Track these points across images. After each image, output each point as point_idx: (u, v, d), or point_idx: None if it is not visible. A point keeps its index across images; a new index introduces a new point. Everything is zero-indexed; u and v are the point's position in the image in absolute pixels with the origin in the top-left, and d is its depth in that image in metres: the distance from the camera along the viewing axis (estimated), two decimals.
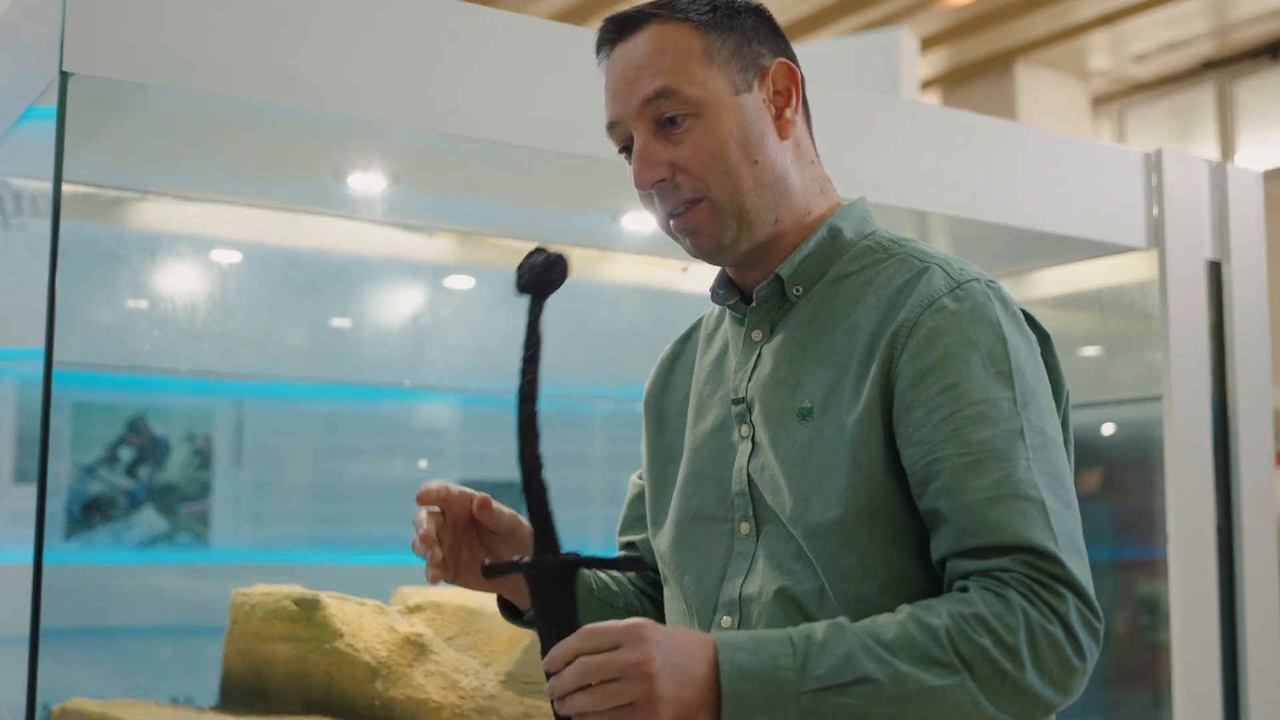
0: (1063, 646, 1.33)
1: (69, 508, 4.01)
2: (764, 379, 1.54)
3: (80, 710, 2.32)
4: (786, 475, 1.47)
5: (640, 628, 1.25)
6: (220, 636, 2.57)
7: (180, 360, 3.32)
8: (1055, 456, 1.43)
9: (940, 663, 1.30)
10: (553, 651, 1.26)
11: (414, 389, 4.13)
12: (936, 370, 1.41)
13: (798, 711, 1.28)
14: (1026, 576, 1.34)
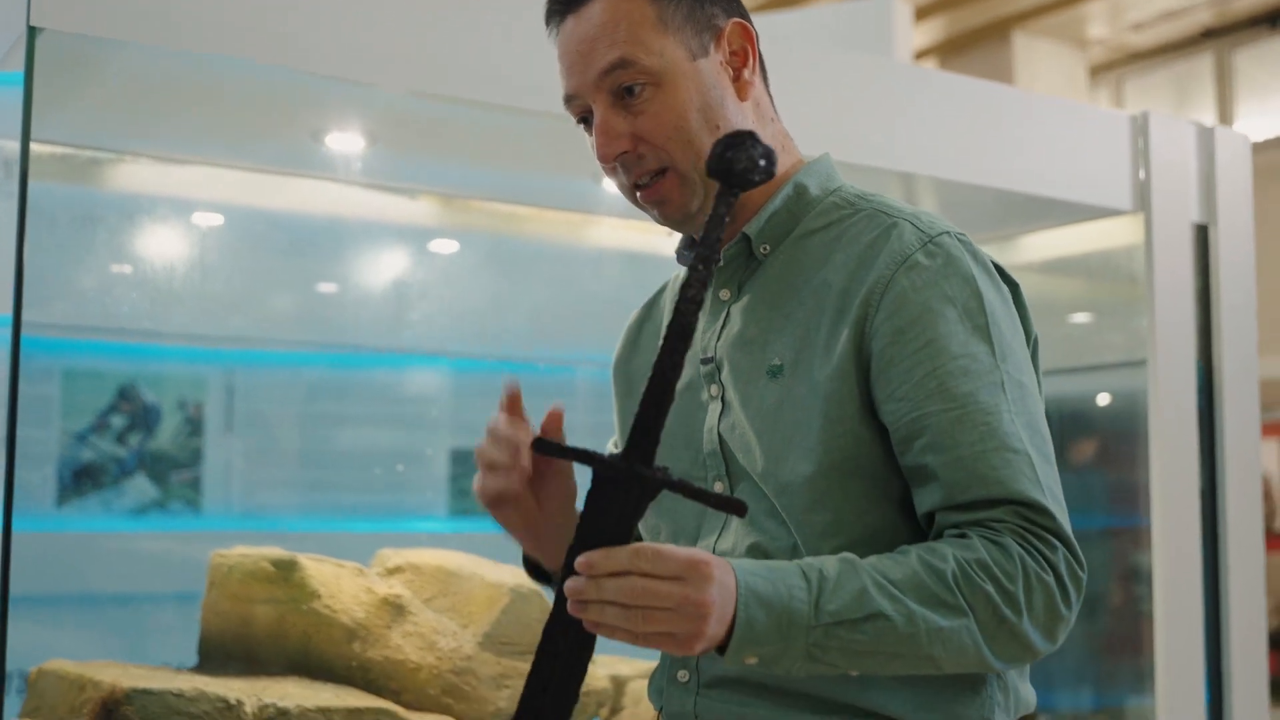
0: (1054, 595, 1.35)
1: (60, 475, 4.01)
2: (733, 338, 1.53)
3: (57, 671, 2.32)
4: (757, 433, 1.47)
5: (707, 565, 1.21)
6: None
7: (161, 322, 3.31)
8: (1034, 408, 1.44)
9: (948, 605, 1.31)
10: (595, 557, 1.19)
11: (405, 354, 4.13)
12: (915, 326, 1.41)
13: (804, 645, 1.28)
14: (1020, 528, 1.36)
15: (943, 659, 1.33)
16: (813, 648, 1.28)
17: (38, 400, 3.98)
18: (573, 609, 1.20)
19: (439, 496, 4.27)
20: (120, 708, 2.17)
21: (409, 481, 4.25)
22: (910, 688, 1.42)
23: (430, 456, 4.30)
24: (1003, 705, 1.48)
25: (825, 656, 1.29)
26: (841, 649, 1.29)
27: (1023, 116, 3.06)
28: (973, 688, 1.45)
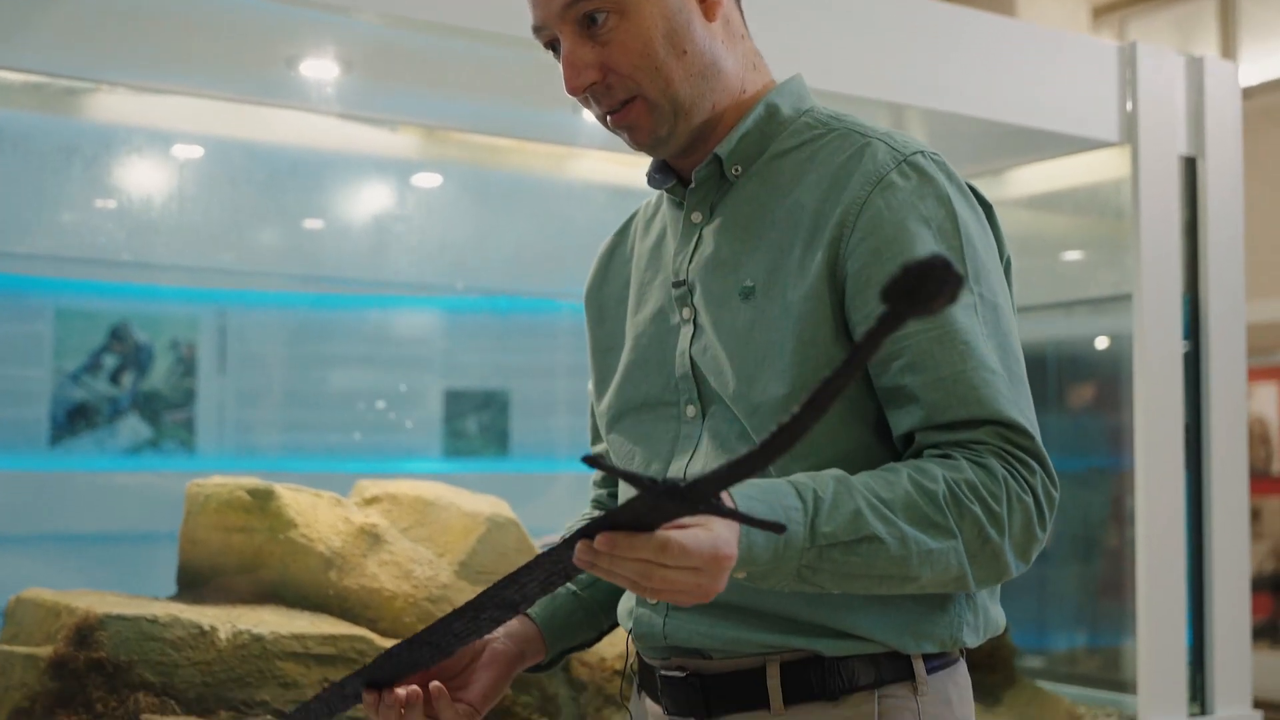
0: (1031, 517, 1.36)
1: (54, 414, 4.02)
2: (705, 260, 1.52)
3: (35, 599, 2.33)
4: (729, 355, 1.46)
5: (726, 559, 1.17)
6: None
7: (142, 254, 3.30)
8: (1008, 330, 1.44)
9: (938, 526, 1.31)
10: (620, 540, 1.13)
11: (398, 295, 4.12)
12: (891, 247, 1.40)
13: (796, 566, 1.28)
14: (1000, 449, 1.36)
15: (927, 580, 1.33)
16: (804, 569, 1.28)
17: (30, 339, 3.98)
18: (579, 565, 1.17)
19: (432, 437, 4.28)
20: (94, 633, 2.18)
21: (402, 422, 4.26)
22: (879, 608, 1.42)
23: (423, 397, 4.30)
24: (972, 625, 1.48)
25: (814, 577, 1.29)
26: (832, 570, 1.29)
27: (1010, 46, 3.02)
28: (941, 607, 1.45)
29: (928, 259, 0.84)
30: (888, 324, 0.88)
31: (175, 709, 2.18)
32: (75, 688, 2.15)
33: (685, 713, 1.50)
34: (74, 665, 2.16)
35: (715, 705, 1.47)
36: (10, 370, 3.95)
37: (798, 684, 1.44)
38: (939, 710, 1.47)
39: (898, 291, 0.86)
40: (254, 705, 2.23)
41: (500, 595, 1.25)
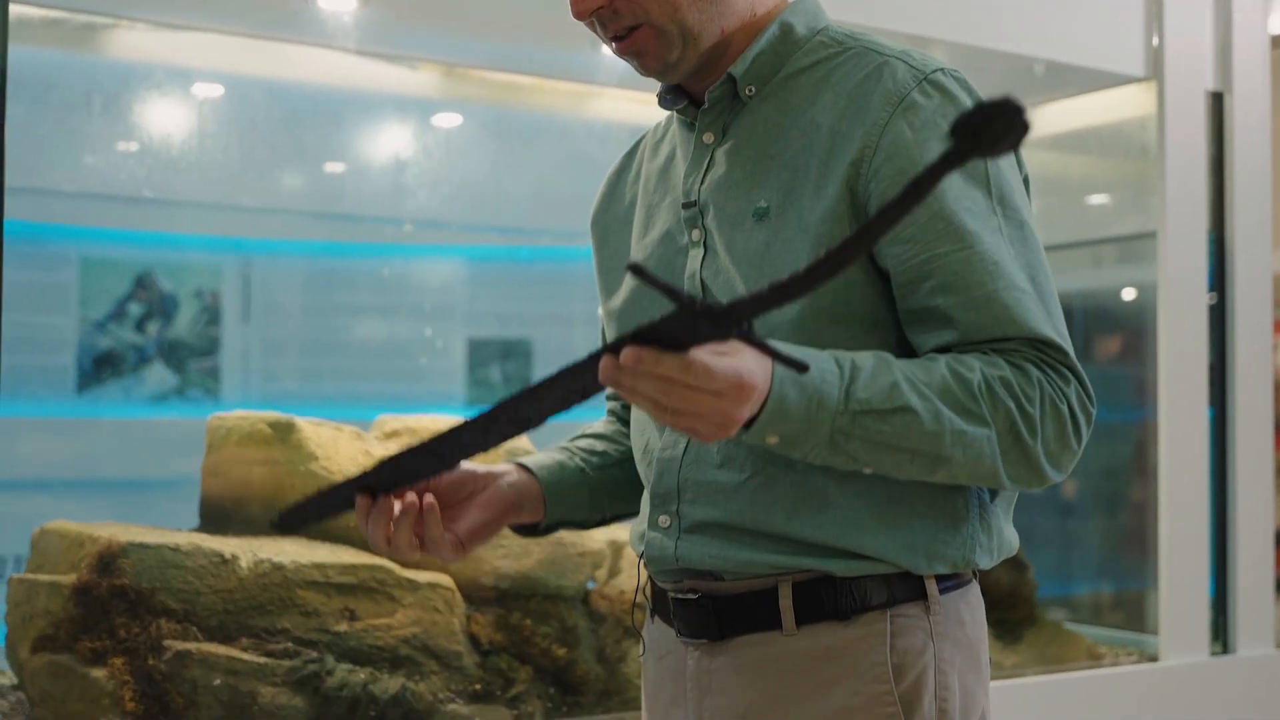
0: (1066, 425, 1.35)
1: (80, 362, 4.04)
2: (717, 181, 1.51)
3: (59, 530, 2.35)
4: (743, 277, 1.45)
5: (750, 389, 1.16)
6: None
7: (164, 191, 3.30)
8: (1035, 247, 1.43)
9: (972, 413, 1.31)
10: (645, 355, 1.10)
11: (422, 245, 4.12)
12: (916, 168, 1.38)
13: (828, 430, 1.27)
14: (1038, 360, 1.35)
15: (959, 464, 1.32)
16: (836, 434, 1.27)
17: (57, 288, 4.00)
18: (603, 380, 1.13)
19: (456, 386, 4.29)
20: (117, 560, 2.20)
21: (426, 370, 4.27)
22: (890, 527, 1.41)
23: (447, 345, 4.31)
24: (985, 546, 1.47)
25: (847, 445, 1.28)
26: (865, 438, 1.28)
27: None
28: (954, 527, 1.44)
29: (999, 99, 0.83)
30: (951, 160, 0.86)
31: (197, 635, 2.20)
32: (98, 614, 2.17)
33: (698, 635, 1.50)
34: (97, 592, 2.18)
35: (727, 626, 1.47)
36: (38, 318, 3.97)
37: (810, 604, 1.44)
38: (952, 630, 1.46)
39: (967, 129, 0.84)
40: (275, 633, 2.24)
41: (513, 409, 1.21)
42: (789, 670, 1.44)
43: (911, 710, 1.41)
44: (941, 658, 1.44)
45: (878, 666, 1.42)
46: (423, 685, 2.29)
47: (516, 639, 2.42)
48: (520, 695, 2.39)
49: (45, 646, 2.17)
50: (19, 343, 3.85)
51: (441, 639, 2.34)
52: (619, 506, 1.66)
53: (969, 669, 1.47)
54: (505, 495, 1.52)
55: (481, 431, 1.27)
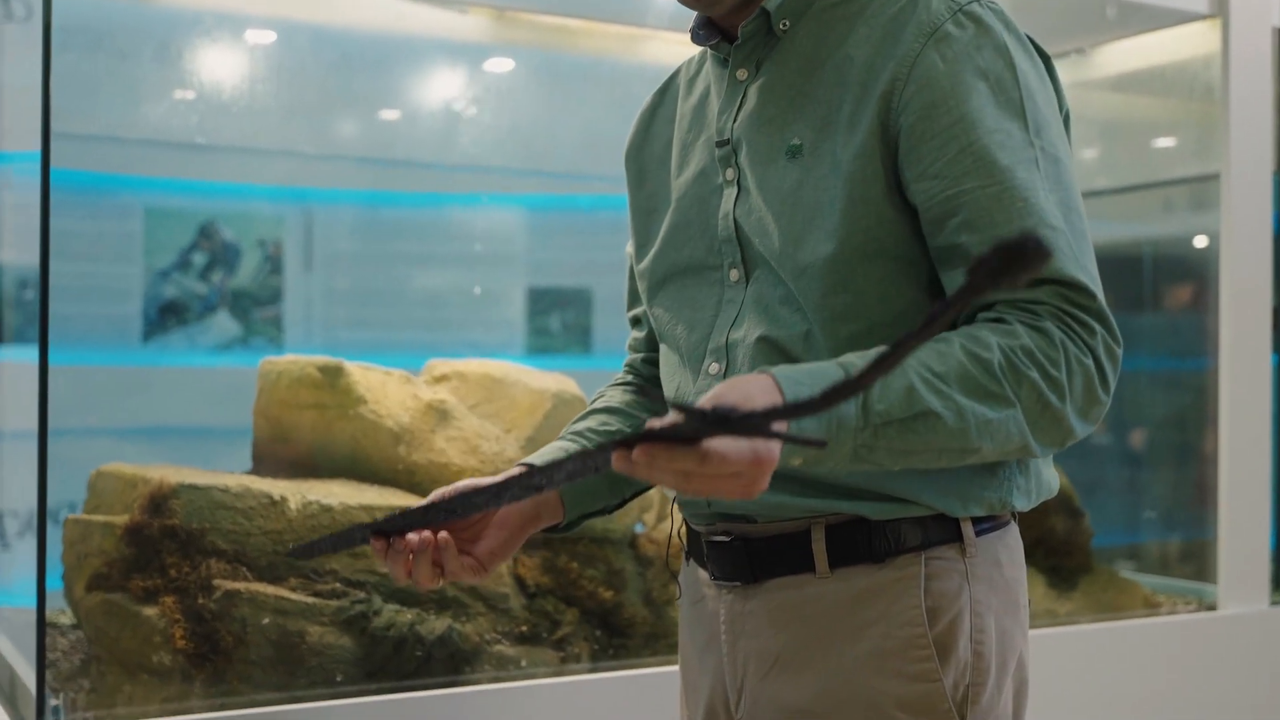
0: (1093, 379, 1.32)
1: (145, 311, 4.10)
2: (750, 118, 1.49)
3: (114, 472, 2.38)
4: (776, 216, 1.43)
5: (768, 463, 1.12)
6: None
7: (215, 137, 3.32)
8: (1069, 184, 1.40)
9: (995, 396, 1.28)
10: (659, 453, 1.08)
11: (480, 194, 4.12)
12: (947, 101, 1.36)
13: (852, 447, 1.25)
14: (1059, 309, 1.32)
15: (988, 450, 1.30)
16: (860, 449, 1.25)
17: (122, 237, 4.06)
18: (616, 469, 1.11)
19: (515, 335, 4.30)
20: (168, 501, 2.23)
21: (485, 319, 4.28)
22: (925, 471, 1.40)
23: (506, 295, 4.32)
24: (1023, 488, 1.45)
25: (871, 456, 1.26)
26: (889, 448, 1.26)
27: None
28: (991, 470, 1.42)
29: (1019, 239, 0.83)
30: (966, 295, 0.86)
31: (246, 575, 2.22)
32: (150, 554, 2.20)
33: (731, 578, 1.49)
34: (148, 532, 2.21)
35: (760, 569, 1.46)
36: (104, 268, 4.03)
37: (843, 546, 1.42)
38: (988, 572, 1.44)
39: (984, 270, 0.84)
40: (323, 574, 2.27)
41: (525, 480, 1.23)
42: (822, 614, 1.43)
43: (946, 654, 1.40)
44: (977, 600, 1.42)
45: (911, 610, 1.40)
46: (469, 626, 2.31)
47: (563, 582, 2.43)
48: (566, 637, 2.40)
49: (99, 585, 2.21)
50: (86, 292, 3.91)
51: (488, 581, 2.36)
52: (638, 484, 1.64)
53: (1006, 611, 1.46)
54: (522, 509, 1.52)
55: (494, 496, 1.31)
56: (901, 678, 1.40)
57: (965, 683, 1.41)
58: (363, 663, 2.23)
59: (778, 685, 1.45)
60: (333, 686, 2.20)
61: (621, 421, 1.65)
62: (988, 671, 1.42)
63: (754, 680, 1.47)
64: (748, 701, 1.48)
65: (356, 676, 2.22)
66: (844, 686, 1.41)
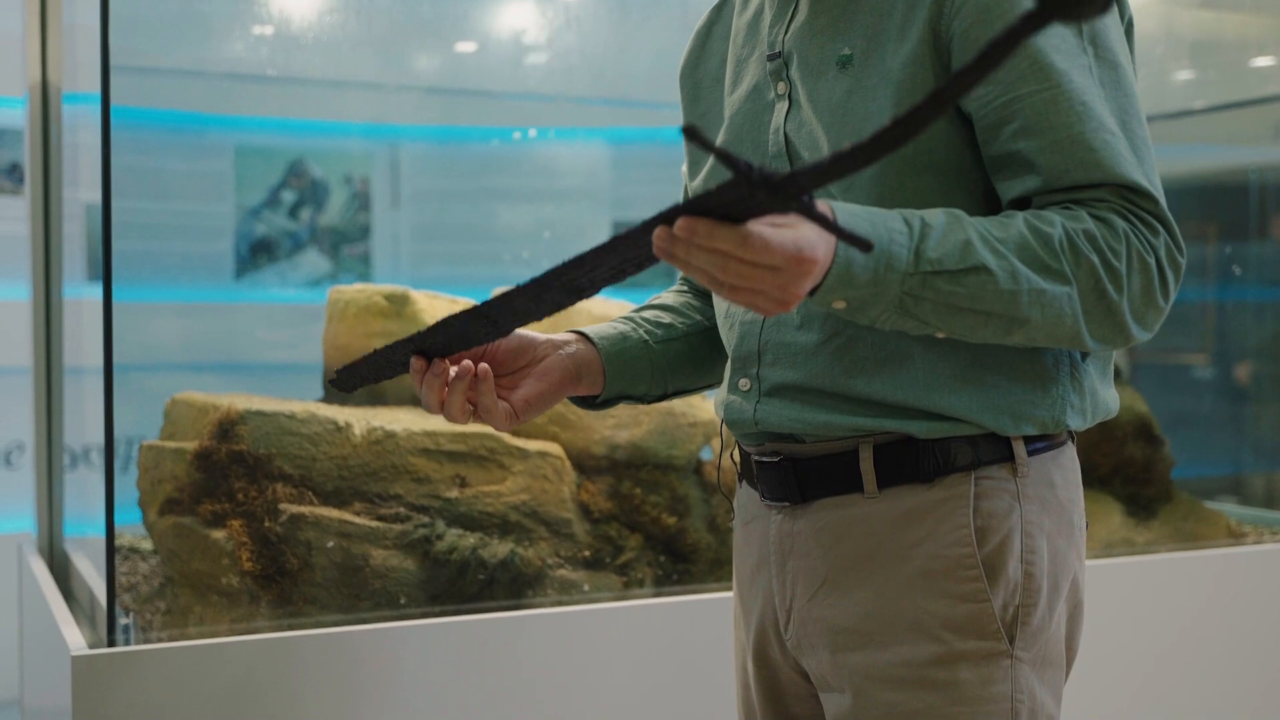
0: (1153, 279, 1.29)
1: (237, 249, 4.17)
2: (801, 30, 1.47)
3: (187, 400, 2.43)
4: (826, 128, 1.41)
5: (809, 263, 1.09)
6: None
7: (286, 69, 3.35)
8: (1129, 90, 1.36)
9: (1052, 270, 1.25)
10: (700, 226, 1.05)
11: (564, 128, 4.12)
12: (1000, 5, 1.33)
13: (897, 293, 1.21)
14: (1124, 209, 1.30)
15: (1038, 325, 1.27)
16: (906, 297, 1.22)
17: (214, 176, 4.13)
18: (657, 252, 1.08)
19: None
20: (235, 427, 2.27)
21: (572, 254, 4.29)
22: (976, 388, 1.37)
23: (592, 228, 4.33)
24: (1077, 407, 1.42)
25: (917, 309, 1.23)
26: (936, 301, 1.23)
27: None
28: (1043, 387, 1.39)
29: None
30: (1032, 21, 0.80)
31: (312, 500, 2.26)
32: (218, 479, 2.24)
33: (780, 498, 1.48)
34: (217, 458, 2.26)
35: (809, 489, 1.45)
36: (197, 206, 4.10)
37: (891, 466, 1.40)
38: (1041, 493, 1.41)
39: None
40: (387, 498, 2.30)
41: (567, 276, 1.18)
42: (870, 534, 1.42)
43: (995, 575, 1.38)
44: (1029, 520, 1.39)
45: (960, 530, 1.38)
46: (531, 551, 2.33)
47: (627, 507, 2.44)
48: (630, 562, 2.41)
49: (171, 509, 2.26)
50: (180, 230, 3.99)
51: (551, 506, 2.37)
52: (680, 381, 1.63)
53: (1059, 532, 1.43)
54: (564, 366, 1.50)
55: (534, 298, 1.24)
56: (949, 598, 1.38)
57: (1015, 604, 1.38)
58: (426, 586, 2.26)
59: (825, 605, 1.44)
60: (396, 609, 2.24)
61: (674, 317, 1.65)
62: (1039, 593, 1.39)
63: (802, 600, 1.46)
64: (796, 622, 1.47)
65: (420, 599, 2.25)
66: (891, 607, 1.40)
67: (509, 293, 1.23)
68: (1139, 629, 2.62)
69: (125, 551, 2.43)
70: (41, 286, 2.95)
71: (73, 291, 3.05)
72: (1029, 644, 1.39)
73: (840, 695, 1.43)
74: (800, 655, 1.47)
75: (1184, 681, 2.69)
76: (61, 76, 2.94)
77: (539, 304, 1.26)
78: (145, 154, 3.76)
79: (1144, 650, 2.63)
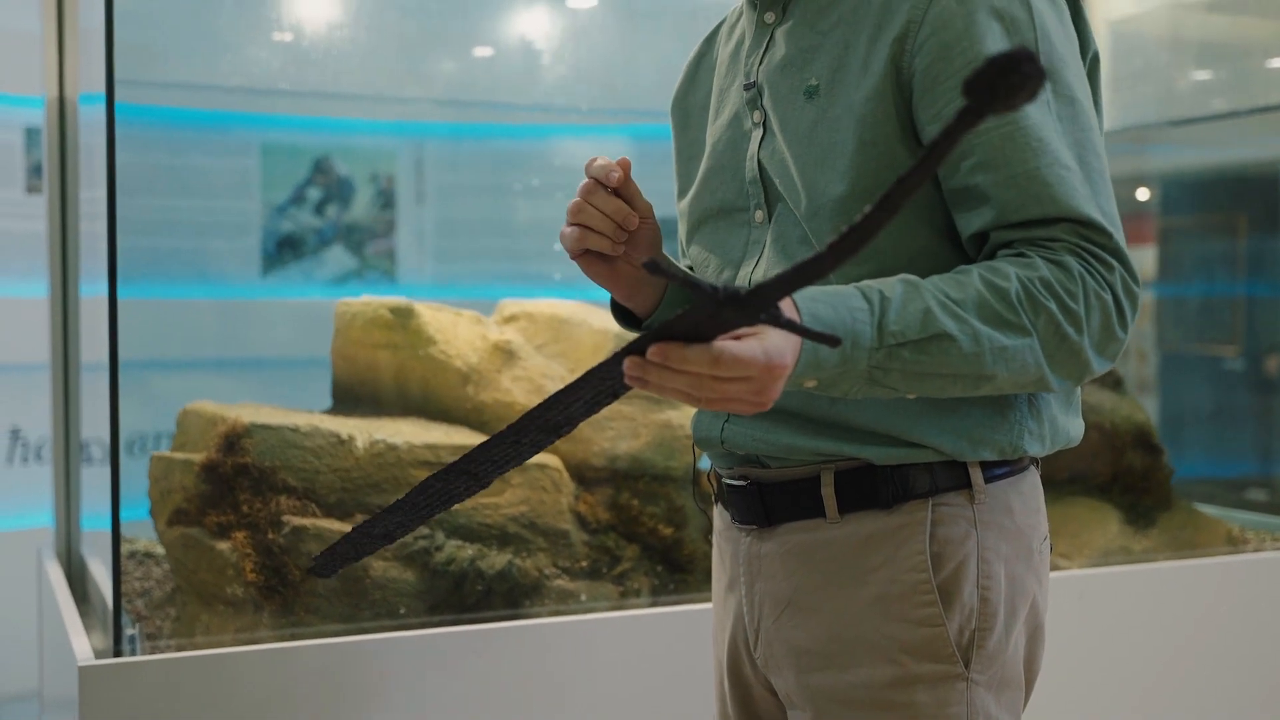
0: (1110, 314, 1.33)
1: (264, 245, 4.23)
2: (775, 61, 1.52)
3: (199, 410, 2.49)
4: (794, 157, 1.46)
5: (780, 368, 1.13)
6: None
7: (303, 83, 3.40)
8: (1087, 125, 1.40)
9: (1011, 324, 1.29)
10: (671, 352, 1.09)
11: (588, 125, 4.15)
12: (961, 43, 1.37)
13: (866, 367, 1.26)
14: (1077, 246, 1.33)
15: (1003, 378, 1.31)
16: (874, 370, 1.26)
17: (240, 173, 4.19)
18: (629, 381, 1.12)
19: None
20: (241, 440, 2.33)
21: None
22: (935, 413, 1.41)
23: None
24: (1035, 434, 1.45)
25: (886, 379, 1.28)
26: (903, 370, 1.27)
27: None
28: (1001, 413, 1.43)
29: (1011, 52, 0.81)
30: (966, 119, 0.84)
31: (315, 512, 2.32)
32: (224, 491, 2.31)
33: (748, 520, 1.53)
34: (223, 470, 2.32)
35: (774, 513, 1.50)
36: (223, 203, 4.16)
37: (852, 492, 1.45)
38: (998, 519, 1.45)
39: (979, 85, 0.82)
40: None
41: (543, 418, 1.21)
42: (832, 558, 1.46)
43: (950, 600, 1.42)
44: (985, 546, 1.43)
45: (916, 556, 1.43)
46: (529, 561, 2.38)
47: (624, 518, 2.48)
48: (626, 572, 2.45)
49: (179, 520, 2.33)
50: (208, 227, 4.06)
51: (549, 517, 2.42)
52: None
53: (1016, 557, 1.46)
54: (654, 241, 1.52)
55: (513, 444, 1.27)
56: (906, 622, 1.42)
57: (971, 628, 1.42)
58: (425, 596, 2.31)
59: (790, 627, 1.49)
60: (396, 619, 2.29)
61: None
62: (995, 617, 1.43)
63: (769, 621, 1.51)
64: (764, 642, 1.52)
65: (419, 609, 2.31)
66: (851, 630, 1.44)
67: (486, 443, 1.26)
68: (1136, 637, 2.64)
69: (140, 556, 2.50)
70: (59, 283, 3.02)
71: (93, 289, 3.12)
72: (985, 667, 1.43)
73: (803, 714, 1.48)
74: (769, 674, 1.53)
75: (1181, 691, 2.71)
76: (80, 77, 3.00)
77: (518, 448, 1.29)
78: (174, 153, 3.83)
79: (1141, 658, 2.65)
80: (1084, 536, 2.72)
